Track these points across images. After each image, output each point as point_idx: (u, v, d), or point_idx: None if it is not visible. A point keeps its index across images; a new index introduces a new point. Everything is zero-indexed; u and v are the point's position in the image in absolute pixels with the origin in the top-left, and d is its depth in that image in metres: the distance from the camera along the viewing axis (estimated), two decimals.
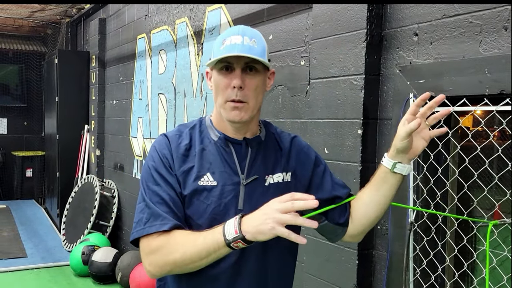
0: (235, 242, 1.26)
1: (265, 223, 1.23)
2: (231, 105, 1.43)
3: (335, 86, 2.49)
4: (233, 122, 1.46)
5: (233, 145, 1.50)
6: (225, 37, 1.44)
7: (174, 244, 1.36)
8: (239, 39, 1.42)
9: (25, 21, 8.52)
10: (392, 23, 2.32)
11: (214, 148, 1.49)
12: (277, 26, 3.13)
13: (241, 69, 1.43)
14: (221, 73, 1.44)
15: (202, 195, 1.44)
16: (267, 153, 1.55)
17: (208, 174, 1.46)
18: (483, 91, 1.88)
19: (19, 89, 9.98)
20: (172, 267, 1.37)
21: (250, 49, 1.41)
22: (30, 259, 5.76)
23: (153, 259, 1.39)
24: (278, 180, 1.53)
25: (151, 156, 1.49)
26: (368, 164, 2.39)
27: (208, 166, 1.47)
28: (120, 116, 6.01)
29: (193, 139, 1.51)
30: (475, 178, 1.98)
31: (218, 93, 1.46)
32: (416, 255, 2.21)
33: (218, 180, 1.46)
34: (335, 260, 2.49)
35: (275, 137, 1.60)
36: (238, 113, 1.43)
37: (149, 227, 1.39)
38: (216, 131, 1.52)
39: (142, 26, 5.34)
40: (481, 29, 1.93)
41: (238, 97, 1.42)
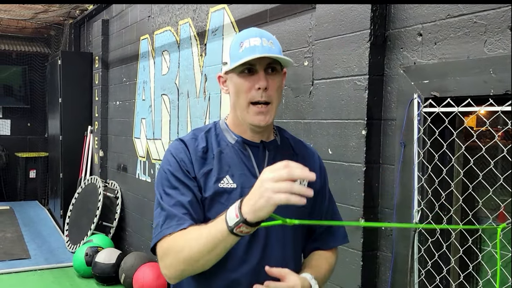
0: (237, 227, 1.21)
1: (261, 197, 1.17)
2: (255, 110, 1.44)
3: (339, 87, 2.48)
4: (257, 126, 1.47)
5: (250, 148, 1.51)
6: (243, 40, 1.44)
7: (182, 242, 1.34)
8: (258, 41, 1.42)
9: (28, 22, 8.54)
10: (396, 23, 2.32)
11: (232, 151, 1.50)
12: (280, 27, 3.12)
13: (263, 70, 1.43)
14: (243, 75, 1.44)
15: (222, 198, 1.44)
16: (284, 157, 1.51)
17: (228, 177, 1.46)
18: (488, 92, 1.87)
19: (23, 90, 9.99)
20: (184, 265, 1.34)
21: (269, 50, 1.42)
22: (34, 260, 5.75)
23: (166, 261, 1.37)
24: None
25: (167, 161, 1.48)
26: (372, 165, 2.38)
27: (227, 168, 1.47)
28: (123, 117, 6.01)
29: (210, 142, 1.51)
30: (480, 179, 1.97)
31: (240, 96, 1.45)
32: (421, 256, 2.20)
33: (237, 183, 1.46)
34: (339, 261, 2.46)
35: (289, 142, 1.62)
36: (263, 117, 1.44)
37: (166, 229, 1.38)
38: (233, 134, 1.52)
39: (145, 27, 5.34)
40: (485, 29, 1.92)
41: (264, 98, 1.43)
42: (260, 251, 1.47)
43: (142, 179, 5.41)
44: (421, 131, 2.16)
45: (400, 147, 2.26)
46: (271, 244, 1.48)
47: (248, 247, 1.46)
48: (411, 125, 2.19)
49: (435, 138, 2.14)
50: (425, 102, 2.14)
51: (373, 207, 2.40)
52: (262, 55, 1.39)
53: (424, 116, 2.15)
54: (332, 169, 2.51)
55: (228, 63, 1.46)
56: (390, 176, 2.35)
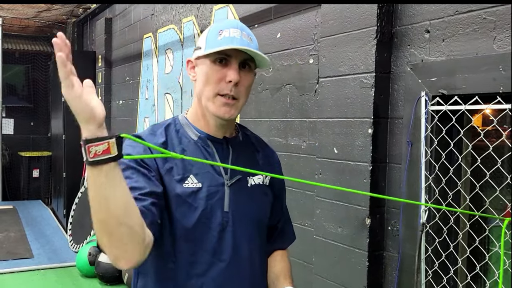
0: (88, 154, 1.05)
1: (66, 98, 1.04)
2: (222, 101, 1.38)
3: (345, 85, 2.45)
4: (221, 118, 1.40)
5: (214, 144, 1.45)
6: (222, 28, 1.38)
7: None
8: (238, 33, 1.37)
9: (31, 21, 8.53)
10: (403, 20, 2.28)
11: (195, 147, 1.43)
12: (285, 24, 3.09)
13: (238, 64, 1.38)
14: (216, 64, 1.37)
15: (189, 198, 1.37)
16: (246, 154, 1.52)
17: (192, 176, 1.39)
18: (497, 89, 1.84)
19: (26, 89, 10.00)
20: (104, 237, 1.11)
21: (248, 45, 1.37)
22: (37, 259, 5.74)
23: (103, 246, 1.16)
24: (259, 182, 1.51)
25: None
26: (378, 164, 2.35)
27: (190, 167, 1.40)
28: (127, 116, 6.00)
29: (170, 138, 1.43)
30: (487, 178, 1.94)
31: (208, 85, 1.38)
32: (428, 257, 2.17)
33: (202, 182, 1.39)
34: (345, 261, 2.46)
35: (251, 139, 1.58)
36: (229, 109, 1.39)
37: None
38: (195, 130, 1.46)
39: (149, 26, 5.32)
40: (495, 26, 1.89)
41: (233, 93, 1.37)
42: (230, 252, 1.43)
43: None
44: (428, 129, 2.13)
45: (407, 146, 2.23)
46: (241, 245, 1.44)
47: (217, 248, 1.41)
48: (418, 123, 2.16)
49: (442, 136, 2.11)
50: (433, 100, 2.11)
51: (380, 206, 2.37)
52: (241, 48, 1.34)
53: (432, 114, 2.12)
54: (338, 168, 2.48)
55: (202, 48, 1.40)
56: (396, 175, 2.32)
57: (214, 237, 1.40)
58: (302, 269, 2.94)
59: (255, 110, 3.41)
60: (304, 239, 2.90)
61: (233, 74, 1.36)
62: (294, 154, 3.01)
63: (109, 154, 1.05)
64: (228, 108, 1.38)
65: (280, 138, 3.14)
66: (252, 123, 3.43)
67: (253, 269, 1.50)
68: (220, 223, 1.41)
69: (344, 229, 2.46)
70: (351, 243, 2.43)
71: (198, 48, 1.43)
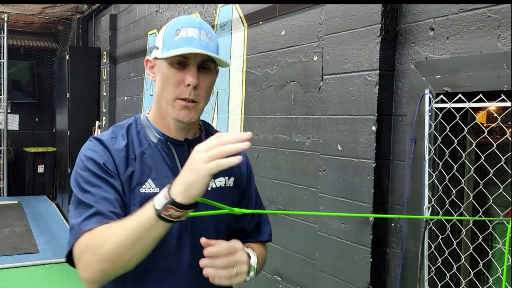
0: (165, 210, 1.07)
1: (192, 171, 1.05)
2: (181, 104, 1.34)
3: (349, 82, 2.46)
4: (181, 122, 1.37)
5: (174, 147, 1.41)
6: (180, 28, 1.33)
7: (103, 236, 1.17)
8: (196, 33, 1.32)
9: (36, 17, 8.56)
10: (407, 17, 2.29)
11: (155, 151, 1.39)
12: (289, 21, 3.10)
13: (196, 66, 1.33)
14: (173, 67, 1.33)
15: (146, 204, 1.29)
16: None
17: (150, 181, 1.35)
18: (501, 87, 1.84)
19: (31, 85, 10.04)
20: (104, 264, 1.16)
21: (207, 45, 1.32)
22: (42, 254, 5.78)
23: (83, 261, 1.20)
24: (221, 185, 1.48)
25: (84, 161, 1.32)
26: (382, 161, 2.36)
27: (148, 171, 1.36)
28: (131, 113, 6.01)
29: (131, 141, 1.39)
30: (491, 175, 1.95)
31: (167, 89, 1.34)
32: (431, 253, 2.18)
33: (160, 187, 1.32)
34: (349, 257, 2.47)
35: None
36: (188, 113, 1.35)
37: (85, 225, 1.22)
38: (155, 131, 1.42)
39: (153, 22, 5.33)
40: (499, 23, 1.89)
41: (192, 97, 1.33)
42: (188, 259, 1.38)
43: None
44: (432, 127, 2.14)
45: (410, 143, 2.24)
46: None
47: (175, 255, 1.37)
48: (422, 121, 2.17)
49: (446, 134, 2.12)
50: (436, 98, 2.12)
51: (383, 203, 2.38)
52: (198, 51, 1.29)
53: (435, 112, 2.13)
54: (342, 165, 2.50)
55: (159, 49, 1.35)
56: (400, 172, 2.33)
57: (172, 244, 1.36)
58: (305, 265, 2.95)
59: (259, 107, 3.42)
60: (308, 235, 2.91)
61: (191, 77, 1.31)
62: (298, 151, 3.03)
63: (179, 219, 1.09)
64: (187, 111, 1.35)
65: (284, 135, 3.15)
66: (256, 120, 3.44)
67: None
68: (178, 229, 1.37)
69: (348, 226, 2.48)
70: (355, 239, 2.44)
71: (156, 48, 1.37)
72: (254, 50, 3.37)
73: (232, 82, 3.80)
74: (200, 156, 1.05)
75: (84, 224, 1.23)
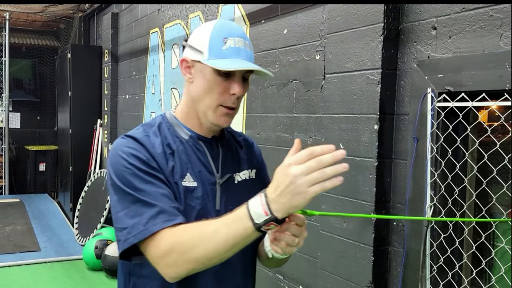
0: (266, 225, 1.13)
1: (297, 195, 1.08)
2: (223, 111, 1.39)
3: (351, 81, 2.46)
4: (219, 126, 1.44)
5: (204, 144, 1.46)
6: (227, 36, 1.35)
7: (190, 239, 1.22)
8: (242, 43, 1.37)
9: (38, 15, 8.56)
10: (409, 16, 2.29)
11: (187, 147, 1.43)
12: (292, 20, 3.10)
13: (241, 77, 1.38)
14: (219, 75, 1.36)
15: (186, 197, 1.37)
16: (232, 151, 1.54)
17: (188, 175, 1.39)
18: (504, 86, 1.85)
19: (32, 83, 10.04)
20: (194, 264, 1.23)
21: (251, 56, 1.39)
22: (44, 252, 5.79)
23: (169, 261, 1.24)
24: (245, 177, 1.53)
25: (125, 160, 1.33)
26: (384, 159, 2.36)
27: (186, 166, 1.40)
28: (133, 111, 6.02)
29: (164, 137, 1.42)
30: (494, 174, 1.95)
31: (210, 95, 1.38)
32: (433, 252, 2.18)
33: (197, 181, 1.40)
34: (350, 256, 2.47)
35: (232, 135, 1.60)
36: (228, 120, 1.41)
37: (153, 225, 1.25)
38: (185, 129, 1.46)
39: (155, 20, 5.33)
40: (501, 23, 1.89)
41: (234, 105, 1.39)
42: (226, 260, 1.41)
43: None
44: (434, 126, 2.14)
45: (412, 142, 2.24)
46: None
47: None
48: (424, 120, 2.17)
49: (448, 133, 2.12)
50: (439, 97, 2.12)
51: (385, 202, 2.39)
52: (252, 68, 1.34)
53: (438, 110, 2.13)
54: None
55: (204, 54, 1.36)
56: (402, 171, 2.34)
57: None
58: (307, 264, 2.96)
59: (262, 106, 3.42)
60: (310, 233, 2.90)
61: (237, 87, 1.36)
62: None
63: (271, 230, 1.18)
64: (228, 118, 1.41)
65: (286, 133, 3.16)
66: (259, 119, 3.44)
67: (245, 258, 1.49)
68: None
69: (350, 224, 2.48)
70: (357, 238, 2.44)
71: (198, 51, 1.38)
72: (256, 48, 3.37)
73: None
74: (303, 180, 1.07)
75: (151, 224, 1.26)
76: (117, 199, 1.32)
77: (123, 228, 1.29)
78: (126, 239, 1.28)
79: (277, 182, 1.11)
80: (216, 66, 1.33)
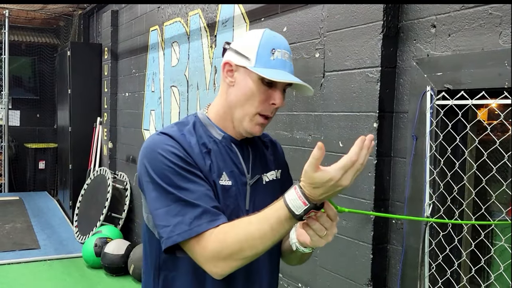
0: (307, 214, 1.17)
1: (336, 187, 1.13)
2: (259, 120, 1.42)
3: (351, 79, 2.47)
4: (251, 135, 1.47)
5: (235, 146, 1.49)
6: (275, 47, 1.40)
7: (237, 242, 1.25)
8: (287, 56, 1.42)
9: (37, 13, 8.56)
10: (409, 14, 2.29)
11: (220, 147, 1.45)
12: (291, 18, 3.10)
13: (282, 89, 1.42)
14: (263, 84, 1.39)
15: (223, 195, 1.40)
16: (260, 152, 1.56)
17: (225, 173, 1.43)
18: (503, 84, 1.85)
19: (32, 81, 10.04)
20: (242, 262, 1.28)
21: (293, 70, 1.43)
22: (43, 250, 5.80)
23: (218, 262, 1.28)
24: (272, 178, 1.56)
25: (164, 158, 1.34)
26: (383, 158, 2.36)
27: (222, 165, 1.43)
28: (133, 109, 6.02)
29: (199, 137, 1.44)
30: (493, 172, 1.95)
31: (250, 102, 1.40)
32: (432, 250, 2.19)
33: (231, 180, 1.43)
34: (349, 254, 2.48)
35: (259, 136, 1.60)
36: (261, 129, 1.45)
37: (197, 226, 1.28)
38: (218, 130, 1.48)
39: (155, 18, 5.33)
40: (501, 21, 1.89)
41: (272, 114, 1.43)
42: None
43: None
44: (433, 124, 2.14)
45: (412, 140, 2.24)
46: None
47: None
48: (423, 118, 2.17)
49: (447, 131, 2.12)
50: (438, 95, 2.12)
51: (384, 200, 2.39)
52: (297, 82, 1.38)
53: (437, 109, 2.13)
54: None
55: (251, 61, 1.39)
56: (401, 169, 2.34)
57: None
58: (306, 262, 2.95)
59: None
60: None
61: (279, 99, 1.40)
62: (299, 148, 3.03)
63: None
64: (261, 128, 1.44)
65: (286, 131, 3.16)
66: None
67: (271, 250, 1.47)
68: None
69: (349, 222, 2.48)
70: (356, 236, 2.44)
71: (244, 57, 1.41)
72: None
73: None
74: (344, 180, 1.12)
75: (196, 224, 1.29)
76: (156, 196, 1.34)
77: (165, 226, 1.31)
78: (169, 236, 1.30)
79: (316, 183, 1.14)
80: (264, 75, 1.36)
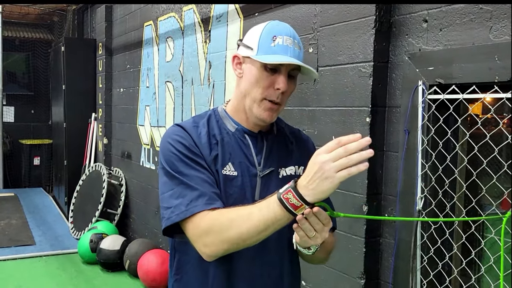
0: (296, 209, 1.21)
1: (325, 179, 1.15)
2: (267, 105, 1.45)
3: (344, 74, 2.48)
4: (263, 121, 1.49)
5: (249, 137, 1.53)
6: (276, 34, 1.44)
7: (226, 221, 1.32)
8: (290, 41, 1.43)
9: (31, 8, 8.53)
10: (401, 9, 2.30)
11: (232, 139, 1.51)
12: (285, 13, 3.11)
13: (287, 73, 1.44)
14: (266, 70, 1.43)
15: (226, 185, 1.45)
16: (280, 146, 1.58)
17: (230, 164, 1.48)
18: (493, 78, 1.87)
19: (26, 77, 10.01)
20: (228, 245, 1.33)
21: (298, 55, 1.44)
22: (39, 246, 5.80)
23: (207, 240, 1.35)
24: (291, 173, 1.57)
25: (172, 146, 1.45)
26: (376, 152, 2.37)
27: (229, 156, 1.48)
28: (127, 104, 6.02)
29: (211, 128, 1.51)
30: (484, 166, 1.97)
31: (256, 89, 1.45)
32: (424, 243, 2.21)
33: (238, 171, 1.48)
34: (342, 248, 2.49)
35: (284, 131, 1.64)
36: (271, 114, 1.47)
37: (194, 206, 1.36)
38: (233, 122, 1.54)
39: (149, 13, 5.32)
40: (491, 15, 1.91)
41: (278, 100, 1.45)
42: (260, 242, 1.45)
43: (146, 167, 5.43)
44: (425, 118, 2.16)
45: (404, 134, 2.26)
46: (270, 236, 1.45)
47: None
48: (415, 112, 2.19)
49: (439, 125, 2.14)
50: (430, 89, 2.14)
51: (377, 194, 2.41)
52: (295, 62, 1.40)
53: (429, 103, 2.15)
54: None
55: (254, 50, 1.44)
56: (394, 163, 2.36)
57: None
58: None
59: None
60: None
61: (282, 83, 1.42)
62: None
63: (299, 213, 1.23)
64: (271, 112, 1.46)
65: None
66: None
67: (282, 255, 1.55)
68: None
69: None
70: (349, 229, 2.46)
71: (249, 48, 1.46)
72: None
73: (228, 74, 3.81)
74: (330, 165, 1.15)
75: (193, 205, 1.37)
76: (164, 181, 1.45)
77: (168, 208, 1.41)
78: (169, 217, 1.40)
79: (307, 171, 1.20)
80: (262, 60, 1.41)
